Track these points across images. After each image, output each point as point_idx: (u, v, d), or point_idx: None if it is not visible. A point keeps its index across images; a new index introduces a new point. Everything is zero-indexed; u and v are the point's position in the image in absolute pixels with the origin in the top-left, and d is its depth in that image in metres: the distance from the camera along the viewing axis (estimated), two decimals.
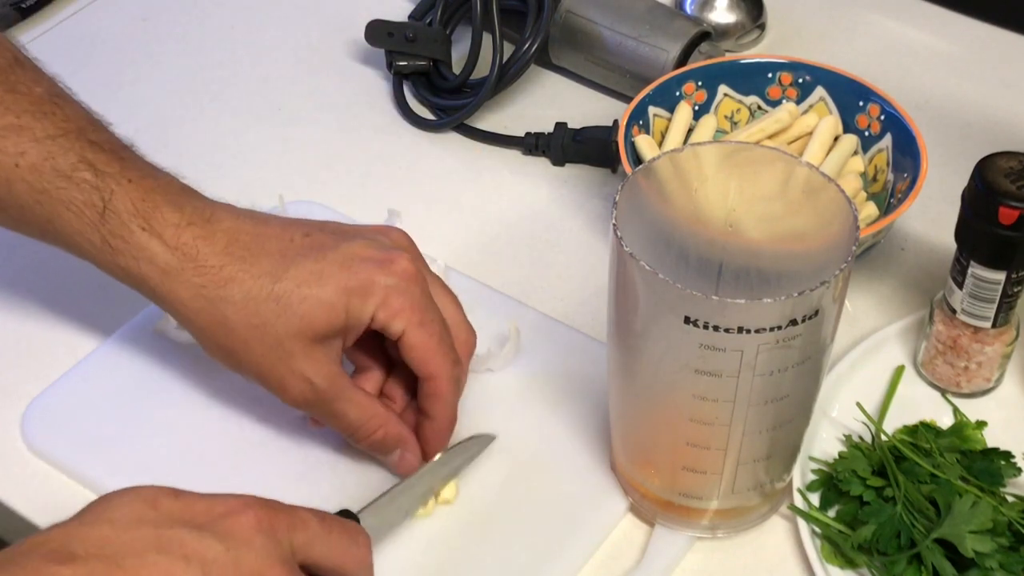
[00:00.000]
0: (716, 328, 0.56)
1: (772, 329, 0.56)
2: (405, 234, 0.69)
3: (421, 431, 0.68)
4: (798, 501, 0.68)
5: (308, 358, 0.64)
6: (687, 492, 0.65)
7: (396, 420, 0.67)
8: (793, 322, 0.56)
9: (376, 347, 0.69)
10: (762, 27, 0.99)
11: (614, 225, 0.58)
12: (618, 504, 0.69)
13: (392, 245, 0.67)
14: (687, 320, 0.56)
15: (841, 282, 0.57)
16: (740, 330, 0.56)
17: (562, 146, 0.89)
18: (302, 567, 0.56)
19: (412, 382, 0.68)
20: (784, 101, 0.84)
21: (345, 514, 0.64)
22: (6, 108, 0.65)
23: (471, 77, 0.92)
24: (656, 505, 0.67)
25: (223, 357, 0.65)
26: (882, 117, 0.81)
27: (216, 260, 0.63)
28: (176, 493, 0.54)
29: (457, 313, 0.69)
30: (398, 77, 0.95)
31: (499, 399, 0.73)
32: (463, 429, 0.71)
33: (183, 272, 0.63)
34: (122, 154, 0.66)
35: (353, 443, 0.68)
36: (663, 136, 0.83)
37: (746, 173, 0.62)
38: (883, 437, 0.70)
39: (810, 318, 0.56)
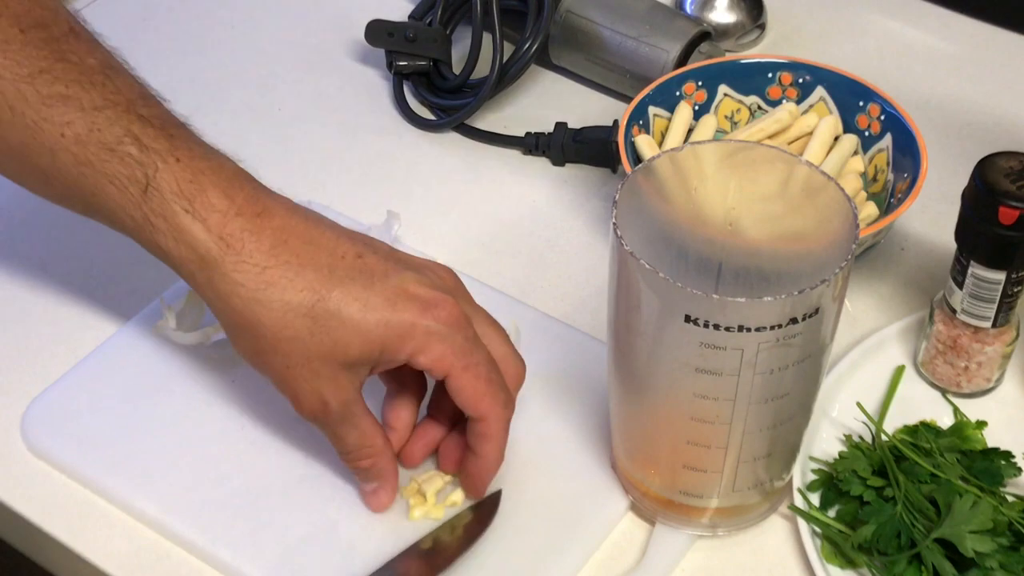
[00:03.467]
0: (716, 327, 0.56)
1: (772, 327, 0.56)
2: (453, 273, 0.67)
3: (466, 466, 0.67)
4: (798, 501, 0.68)
5: (331, 381, 0.62)
6: (687, 490, 0.65)
7: (390, 456, 0.66)
8: (793, 320, 0.56)
9: (414, 370, 0.67)
10: (762, 27, 0.99)
11: (614, 224, 0.58)
12: (618, 503, 0.69)
13: (441, 285, 0.64)
14: (687, 319, 0.56)
15: (841, 281, 0.57)
16: (740, 328, 0.56)
17: (562, 146, 0.89)
18: None
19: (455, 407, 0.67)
20: (784, 101, 0.84)
21: None
22: (55, 77, 0.63)
23: (471, 77, 0.92)
24: (656, 504, 0.67)
25: (248, 354, 0.64)
26: (882, 117, 0.81)
27: (260, 259, 0.61)
28: None
29: (504, 346, 0.66)
30: (398, 77, 0.95)
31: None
32: None
33: (223, 264, 0.61)
34: (172, 131, 0.64)
35: (343, 462, 0.67)
36: (663, 136, 0.83)
37: (746, 172, 0.62)
38: (883, 437, 0.70)
39: (810, 316, 0.56)
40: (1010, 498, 0.67)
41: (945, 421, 0.72)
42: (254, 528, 0.67)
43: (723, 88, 0.84)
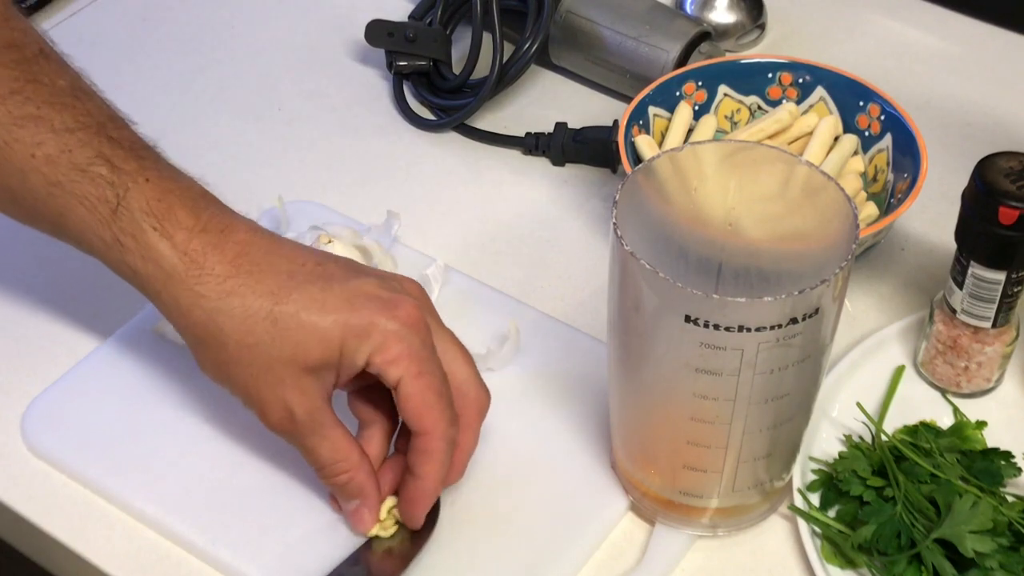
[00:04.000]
0: (716, 327, 0.56)
1: (772, 327, 0.56)
2: (418, 284, 0.66)
3: (403, 490, 0.65)
4: (798, 501, 0.68)
5: (294, 387, 0.62)
6: (687, 490, 0.65)
7: (368, 472, 0.65)
8: (793, 320, 0.56)
9: (386, 402, 0.67)
10: (762, 27, 0.99)
11: (614, 224, 0.58)
12: (618, 503, 0.69)
13: (402, 290, 0.64)
14: (687, 319, 0.56)
15: (841, 281, 0.57)
16: (740, 328, 0.56)
17: (562, 146, 0.89)
18: None
19: None
20: (784, 101, 0.84)
21: None
22: (26, 98, 0.64)
23: (471, 77, 0.92)
24: (656, 504, 0.67)
25: (212, 369, 0.64)
26: (882, 117, 0.81)
27: (222, 269, 0.62)
28: None
29: (467, 369, 0.65)
30: (398, 77, 0.95)
31: (499, 398, 0.73)
32: None
33: (187, 279, 0.62)
34: (142, 153, 0.65)
35: (320, 478, 0.66)
36: (663, 136, 0.83)
37: (746, 172, 0.62)
38: (883, 437, 0.70)
39: (810, 316, 0.56)
40: (1010, 498, 0.67)
41: (945, 421, 0.72)
42: (254, 528, 0.67)
43: (723, 88, 0.84)
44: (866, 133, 0.82)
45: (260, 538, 0.67)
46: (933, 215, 0.84)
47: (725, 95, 0.84)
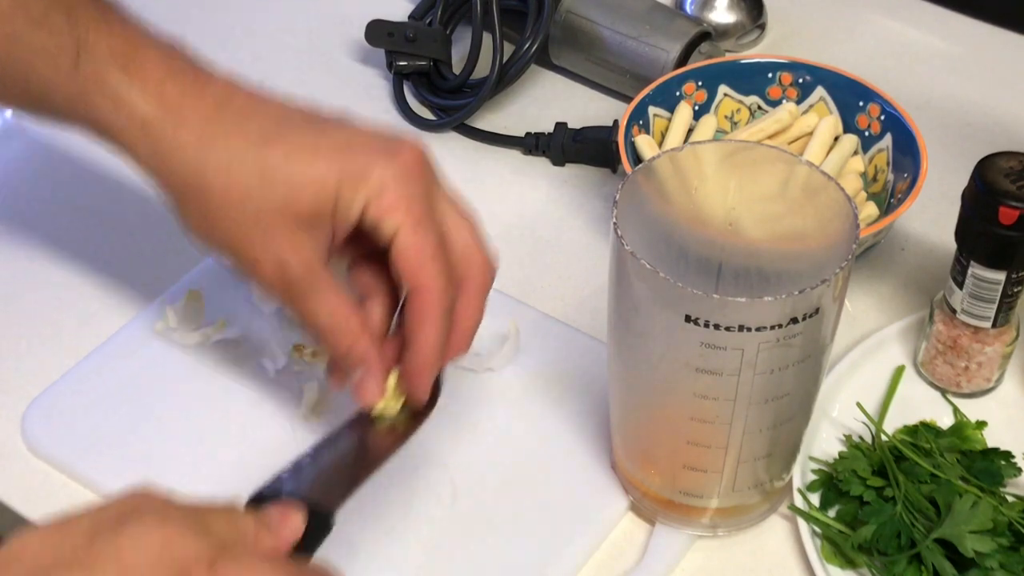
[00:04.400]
0: (717, 326, 0.56)
1: (773, 327, 0.56)
2: (421, 143, 0.60)
3: (404, 361, 0.60)
4: (798, 501, 0.68)
5: (287, 241, 0.57)
6: (687, 490, 0.65)
7: (370, 340, 0.60)
8: (794, 320, 0.56)
9: (386, 274, 0.61)
10: (762, 27, 0.99)
11: (614, 224, 0.58)
12: (619, 503, 0.69)
13: (402, 139, 0.59)
14: (688, 319, 0.56)
15: (841, 281, 0.57)
16: (741, 328, 0.56)
17: (562, 146, 0.89)
18: None
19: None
20: (784, 101, 0.84)
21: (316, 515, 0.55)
22: None
23: (471, 77, 0.92)
24: (656, 504, 0.67)
25: (197, 227, 0.59)
26: (882, 117, 0.81)
27: (202, 115, 0.57)
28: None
29: (470, 234, 0.60)
30: (398, 77, 0.95)
31: (499, 398, 0.73)
32: (462, 428, 0.71)
33: (163, 127, 0.57)
34: (102, 3, 0.60)
35: (322, 349, 0.60)
36: (663, 136, 0.83)
37: (746, 172, 0.62)
38: (883, 437, 0.70)
39: (810, 316, 0.56)
40: (1010, 498, 0.67)
41: (945, 421, 0.72)
42: None
43: (723, 88, 0.84)
44: (866, 133, 0.82)
45: None
46: (933, 215, 0.84)
47: (725, 95, 0.84)
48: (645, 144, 0.81)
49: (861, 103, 0.82)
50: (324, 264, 0.59)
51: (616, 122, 0.87)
